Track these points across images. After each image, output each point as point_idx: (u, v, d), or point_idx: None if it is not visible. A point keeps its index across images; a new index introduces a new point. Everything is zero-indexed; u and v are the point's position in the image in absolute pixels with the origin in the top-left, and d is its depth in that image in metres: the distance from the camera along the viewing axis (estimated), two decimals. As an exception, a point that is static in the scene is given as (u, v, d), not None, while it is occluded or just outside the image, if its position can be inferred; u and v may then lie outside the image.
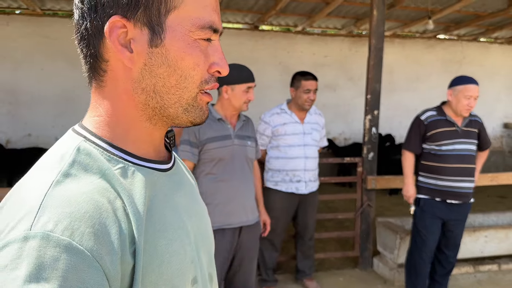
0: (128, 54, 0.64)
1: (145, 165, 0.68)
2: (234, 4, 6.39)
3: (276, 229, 3.45)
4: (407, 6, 6.27)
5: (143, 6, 0.63)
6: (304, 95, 3.31)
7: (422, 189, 3.20)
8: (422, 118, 3.16)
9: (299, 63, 7.81)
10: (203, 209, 0.84)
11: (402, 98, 8.62)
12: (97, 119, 0.68)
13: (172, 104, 0.67)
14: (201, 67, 0.67)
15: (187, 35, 0.65)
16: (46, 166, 0.61)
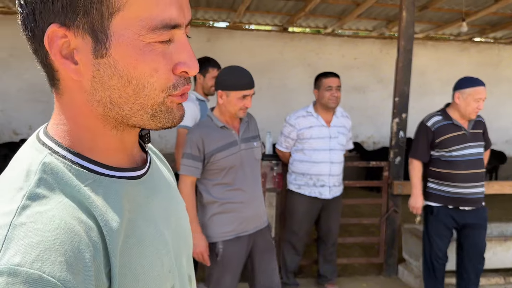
0: (72, 67, 0.57)
1: (117, 175, 0.63)
2: (263, 6, 6.39)
3: (298, 233, 3.41)
4: (441, 8, 6.12)
5: (82, 10, 0.54)
6: (327, 93, 3.26)
7: (433, 196, 3.11)
8: (429, 124, 3.07)
9: (328, 65, 7.73)
10: (181, 208, 0.80)
11: (434, 102, 8.39)
12: (61, 128, 0.62)
13: (135, 113, 0.60)
14: (161, 72, 0.58)
15: (137, 40, 0.55)
16: (11, 186, 0.55)
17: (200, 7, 6.54)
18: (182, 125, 3.21)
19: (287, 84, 7.83)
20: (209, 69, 3.38)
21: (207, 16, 7.23)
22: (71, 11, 0.54)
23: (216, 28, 7.86)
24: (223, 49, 7.54)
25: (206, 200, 2.42)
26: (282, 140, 3.44)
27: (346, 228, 5.31)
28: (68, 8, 0.54)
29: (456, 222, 3.09)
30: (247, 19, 7.34)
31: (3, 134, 7.12)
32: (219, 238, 2.39)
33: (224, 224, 2.39)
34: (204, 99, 3.41)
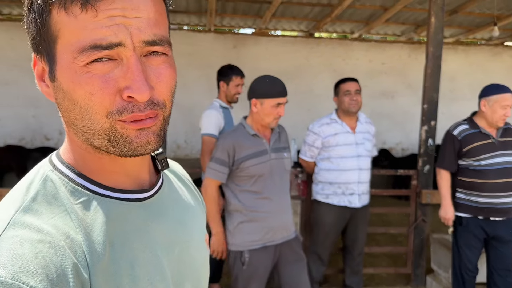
0: (45, 89, 0.64)
1: (112, 196, 0.65)
2: (289, 12, 6.37)
3: (324, 243, 3.36)
4: (471, 12, 5.97)
5: (39, 40, 0.61)
6: (346, 98, 3.21)
7: (462, 207, 3.03)
8: (455, 133, 2.99)
9: (354, 70, 7.65)
10: (196, 236, 0.78)
11: (464, 108, 8.18)
12: (65, 146, 0.68)
13: (93, 136, 0.61)
14: (97, 95, 0.57)
15: (72, 63, 0.58)
16: (11, 198, 0.61)
17: (226, 14, 6.58)
18: (207, 132, 3.22)
19: (313, 90, 7.78)
20: (232, 77, 3.38)
21: (233, 23, 7.26)
22: (35, 41, 0.62)
23: (242, 35, 7.89)
24: (249, 55, 7.56)
25: (233, 207, 2.42)
26: (306, 150, 3.37)
27: (373, 237, 5.21)
28: (33, 39, 0.62)
29: (486, 233, 3.00)
30: (273, 25, 7.34)
31: (35, 139, 7.32)
32: (246, 247, 2.39)
33: (251, 233, 2.39)
34: (227, 107, 3.42)
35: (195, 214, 0.81)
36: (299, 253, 2.55)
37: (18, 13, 6.85)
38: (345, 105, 3.22)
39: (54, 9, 0.58)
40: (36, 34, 0.60)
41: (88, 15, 0.56)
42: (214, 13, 6.17)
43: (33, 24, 0.60)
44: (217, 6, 6.04)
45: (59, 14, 0.58)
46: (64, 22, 0.58)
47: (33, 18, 0.60)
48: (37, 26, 0.60)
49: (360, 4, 5.84)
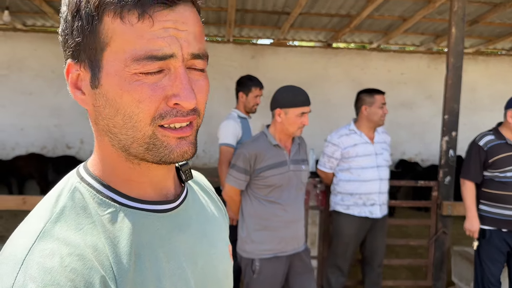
0: (80, 96, 0.64)
1: (139, 207, 0.66)
2: (308, 22, 6.40)
3: (345, 254, 3.32)
4: (492, 22, 5.91)
5: (83, 46, 0.60)
6: (380, 111, 3.19)
7: (486, 219, 2.97)
8: (481, 143, 2.94)
9: (373, 80, 7.61)
10: (219, 248, 0.79)
11: (485, 118, 8.07)
12: (93, 158, 0.69)
13: (131, 144, 0.63)
14: (145, 103, 0.59)
15: (123, 71, 0.59)
16: (41, 211, 0.62)
17: (245, 25, 6.64)
18: (225, 142, 3.25)
19: (331, 100, 7.76)
20: (252, 88, 3.40)
21: (251, 33, 7.32)
22: (77, 47, 0.61)
23: (260, 45, 7.94)
24: (267, 65, 7.60)
25: (247, 212, 2.44)
26: (325, 161, 3.35)
27: (393, 249, 5.15)
28: (75, 44, 0.61)
29: (510, 246, 2.94)
30: (291, 35, 7.38)
31: (56, 148, 7.45)
32: (257, 255, 2.40)
33: (263, 242, 2.40)
34: (246, 117, 3.44)
35: (219, 225, 0.82)
36: (308, 264, 2.55)
37: (42, 24, 7.03)
38: (378, 117, 3.20)
39: (108, 16, 0.58)
40: (81, 40, 0.60)
41: (145, 25, 0.58)
42: (233, 24, 6.24)
43: (78, 30, 0.60)
44: (236, 17, 6.10)
45: (114, 21, 0.58)
46: (118, 30, 0.58)
47: (79, 25, 0.60)
48: (83, 33, 0.60)
49: (378, 15, 5.84)
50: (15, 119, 7.28)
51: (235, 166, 2.41)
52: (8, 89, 7.23)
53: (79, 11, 0.59)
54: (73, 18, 0.60)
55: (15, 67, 7.23)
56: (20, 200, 3.35)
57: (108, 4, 0.58)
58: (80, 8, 0.59)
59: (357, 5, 5.48)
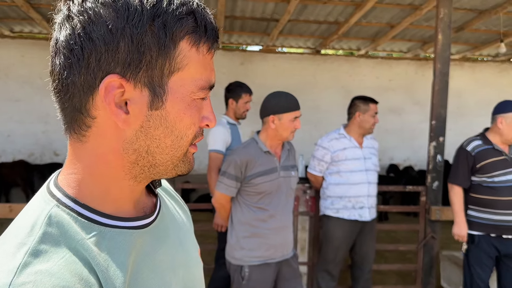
0: (123, 116, 0.59)
1: (123, 226, 0.63)
2: (296, 29, 6.44)
3: (335, 259, 3.33)
4: (478, 29, 6.00)
5: (146, 66, 0.58)
6: (372, 119, 3.27)
7: (474, 225, 2.99)
8: (469, 149, 2.97)
9: (362, 87, 7.68)
10: (192, 255, 0.79)
11: (472, 124, 8.17)
12: (73, 177, 0.63)
13: (164, 163, 0.65)
14: (196, 125, 0.65)
15: (187, 96, 0.62)
16: (15, 240, 0.56)
17: (234, 31, 6.66)
18: (214, 149, 3.24)
19: (320, 106, 7.81)
20: (242, 94, 3.41)
21: (240, 40, 7.34)
22: (135, 64, 0.57)
23: (249, 52, 7.97)
24: (256, 72, 7.62)
25: (237, 219, 2.44)
26: (315, 164, 3.39)
27: (382, 254, 5.17)
28: (134, 61, 0.57)
29: (498, 251, 2.96)
30: (280, 42, 7.41)
31: (44, 155, 7.38)
32: (246, 262, 2.39)
33: (252, 248, 2.40)
34: (235, 123, 3.44)
35: (188, 230, 0.82)
36: (296, 270, 2.56)
37: (29, 31, 6.98)
38: (370, 125, 3.28)
39: (186, 43, 0.61)
40: (143, 59, 0.57)
41: (209, 57, 0.64)
42: (222, 30, 6.25)
43: (143, 48, 0.57)
44: (225, 24, 6.12)
45: (191, 50, 0.61)
46: (193, 58, 0.61)
47: (146, 43, 0.57)
48: (150, 53, 0.57)
49: (366, 22, 5.89)
50: (2, 126, 7.20)
51: (226, 173, 2.40)
52: (-6, 95, 7.15)
53: (152, 28, 0.57)
54: (140, 33, 0.56)
55: (2, 73, 7.17)
56: (7, 208, 3.30)
57: (189, 32, 0.60)
58: (154, 26, 0.57)
59: (345, 12, 5.53)
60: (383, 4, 5.15)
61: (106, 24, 0.56)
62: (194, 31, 0.60)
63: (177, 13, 0.59)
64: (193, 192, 7.64)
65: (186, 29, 0.59)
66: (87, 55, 0.56)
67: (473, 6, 5.20)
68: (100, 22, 0.56)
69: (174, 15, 0.58)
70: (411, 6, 5.19)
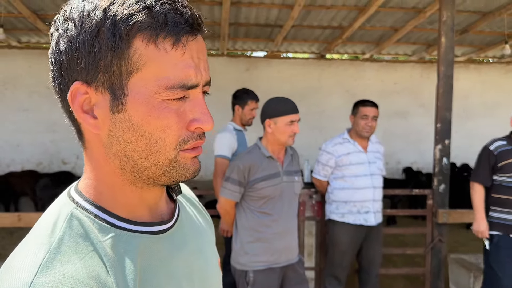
0: (91, 121, 0.60)
1: (139, 230, 0.64)
2: (300, 35, 6.47)
3: (342, 264, 3.33)
4: (482, 30, 5.99)
5: (103, 69, 0.57)
6: (362, 121, 3.23)
7: (494, 225, 2.98)
8: (491, 148, 2.98)
9: (366, 90, 7.69)
10: (210, 262, 0.79)
11: (479, 126, 8.15)
12: (87, 182, 0.65)
13: (148, 168, 0.62)
14: (173, 128, 0.60)
15: (152, 97, 0.58)
16: (37, 241, 0.58)
17: (238, 38, 6.70)
18: (220, 154, 3.26)
19: (325, 111, 7.82)
20: (248, 101, 3.44)
21: (245, 46, 7.38)
22: (93, 69, 0.58)
23: (254, 58, 8.01)
24: (261, 77, 7.65)
25: (241, 224, 2.46)
26: (319, 169, 3.39)
27: (390, 258, 5.15)
28: (91, 66, 0.57)
29: None
30: (285, 48, 7.45)
31: (52, 164, 7.45)
32: (251, 267, 2.41)
33: (256, 253, 2.41)
34: (241, 129, 3.46)
35: (209, 238, 0.82)
36: (302, 275, 2.56)
37: (36, 41, 7.07)
38: (359, 128, 3.25)
39: (140, 41, 0.57)
40: (100, 63, 0.57)
41: (178, 53, 0.58)
42: (227, 37, 6.29)
43: (97, 52, 0.57)
44: (229, 31, 6.16)
45: (147, 47, 0.57)
46: (152, 56, 0.57)
47: (100, 46, 0.57)
48: (105, 55, 0.57)
49: (370, 26, 5.91)
50: (11, 136, 7.28)
51: (229, 179, 2.43)
52: (3, 106, 7.24)
53: (101, 32, 0.56)
54: (92, 38, 0.57)
55: (10, 84, 7.26)
56: (16, 217, 3.34)
57: (141, 28, 0.57)
58: (103, 29, 0.56)
59: (349, 17, 5.55)
60: (386, 8, 5.17)
61: (67, 36, 0.58)
62: (147, 27, 0.56)
63: (126, 12, 0.56)
64: (200, 198, 7.63)
65: (137, 26, 0.56)
66: (58, 67, 0.60)
67: (477, 8, 5.20)
68: (65, 35, 0.58)
69: (124, 13, 0.56)
70: (415, 9, 5.21)
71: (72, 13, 0.59)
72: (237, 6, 5.13)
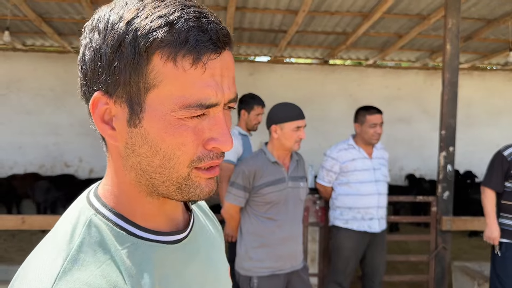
0: (110, 132, 0.60)
1: (156, 240, 0.64)
2: (304, 40, 6.48)
3: (345, 270, 3.31)
4: (486, 38, 6.00)
5: (123, 82, 0.57)
6: (371, 130, 3.22)
7: (504, 232, 2.96)
8: (505, 154, 2.97)
9: (370, 96, 7.68)
10: (221, 271, 0.79)
11: (482, 133, 8.14)
12: (107, 188, 0.65)
13: (162, 183, 0.61)
14: (188, 146, 0.59)
15: (169, 115, 0.57)
16: (56, 246, 0.59)
17: (242, 43, 6.72)
18: (225, 159, 3.26)
19: (329, 116, 7.81)
20: (254, 106, 3.44)
21: (249, 51, 7.40)
22: (113, 82, 0.57)
23: (257, 63, 8.02)
24: (264, 82, 7.66)
25: (246, 229, 2.45)
26: (324, 175, 3.38)
27: (394, 265, 5.12)
28: (111, 79, 0.57)
29: None
30: (288, 53, 7.46)
31: (55, 167, 7.45)
32: (255, 273, 2.40)
33: (261, 259, 2.40)
34: (246, 134, 3.46)
35: (219, 247, 0.82)
36: (307, 282, 2.55)
37: (41, 44, 7.09)
38: (368, 136, 3.23)
39: (159, 58, 0.55)
40: (121, 77, 0.57)
41: (197, 71, 0.56)
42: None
43: (118, 66, 0.56)
44: (234, 35, 6.16)
45: (165, 65, 0.56)
46: (169, 74, 0.56)
47: (121, 60, 0.56)
48: (125, 70, 0.56)
49: (374, 32, 5.92)
50: (14, 138, 7.30)
51: (234, 184, 2.42)
52: (7, 108, 7.26)
53: (122, 46, 0.56)
54: (113, 51, 0.56)
55: (15, 86, 7.28)
56: (19, 220, 3.34)
57: (161, 45, 0.55)
58: (124, 43, 0.56)
59: (353, 23, 5.56)
60: (391, 15, 5.18)
61: (92, 46, 0.58)
62: (167, 44, 0.55)
63: (147, 27, 0.55)
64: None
65: (156, 43, 0.55)
66: (83, 75, 0.60)
67: (481, 16, 5.21)
68: (90, 45, 0.59)
69: (145, 29, 0.55)
70: (419, 16, 5.21)
71: (98, 23, 0.59)
72: (241, 11, 5.14)
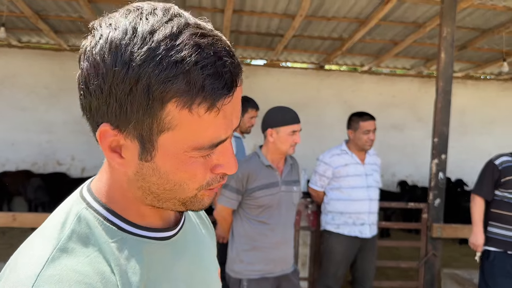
0: (119, 160, 0.61)
1: (145, 235, 0.66)
2: (301, 45, 6.51)
3: (335, 275, 3.33)
4: (480, 47, 6.05)
5: (134, 121, 0.56)
6: (364, 136, 3.24)
7: (492, 241, 2.98)
8: (497, 162, 2.99)
9: (365, 102, 7.72)
10: (211, 270, 0.80)
11: (475, 142, 8.20)
12: (101, 186, 0.66)
13: (169, 200, 0.64)
14: (199, 176, 0.62)
15: (181, 154, 0.59)
16: (46, 235, 0.60)
17: (239, 46, 6.73)
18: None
19: (323, 121, 7.84)
20: (248, 109, 3.45)
21: (245, 54, 7.41)
22: (124, 119, 0.56)
23: (253, 66, 8.03)
24: (260, 86, 7.67)
25: (237, 232, 2.45)
26: (316, 179, 3.40)
27: (384, 271, 5.14)
28: (121, 117, 0.56)
29: None
30: (284, 57, 7.48)
31: (47, 165, 7.41)
32: (245, 275, 2.40)
33: (251, 262, 2.41)
34: (240, 136, 3.47)
35: (209, 248, 0.83)
36: (297, 286, 2.56)
37: (37, 41, 7.06)
38: (362, 142, 3.25)
39: (174, 105, 0.55)
40: (132, 116, 0.56)
41: (211, 116, 0.56)
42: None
43: (130, 105, 0.55)
44: (230, 38, 6.19)
45: (181, 112, 0.55)
46: (184, 120, 0.56)
47: (134, 101, 0.55)
48: (138, 110, 0.55)
49: (370, 38, 5.95)
50: (6, 134, 7.25)
51: (228, 186, 2.43)
52: (0, 104, 7.21)
53: (135, 90, 0.54)
54: (125, 94, 0.55)
55: (9, 82, 7.24)
56: (10, 217, 3.32)
57: (176, 94, 0.54)
58: (137, 88, 0.54)
59: (349, 29, 5.60)
60: (387, 22, 5.21)
61: (97, 75, 0.55)
62: (183, 93, 0.54)
63: (163, 76, 0.53)
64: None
65: (172, 92, 0.54)
66: (88, 103, 0.58)
67: (476, 25, 5.26)
68: (94, 73, 0.56)
69: (160, 77, 0.53)
70: (415, 24, 5.25)
71: (103, 53, 0.55)
72: (239, 14, 5.16)
